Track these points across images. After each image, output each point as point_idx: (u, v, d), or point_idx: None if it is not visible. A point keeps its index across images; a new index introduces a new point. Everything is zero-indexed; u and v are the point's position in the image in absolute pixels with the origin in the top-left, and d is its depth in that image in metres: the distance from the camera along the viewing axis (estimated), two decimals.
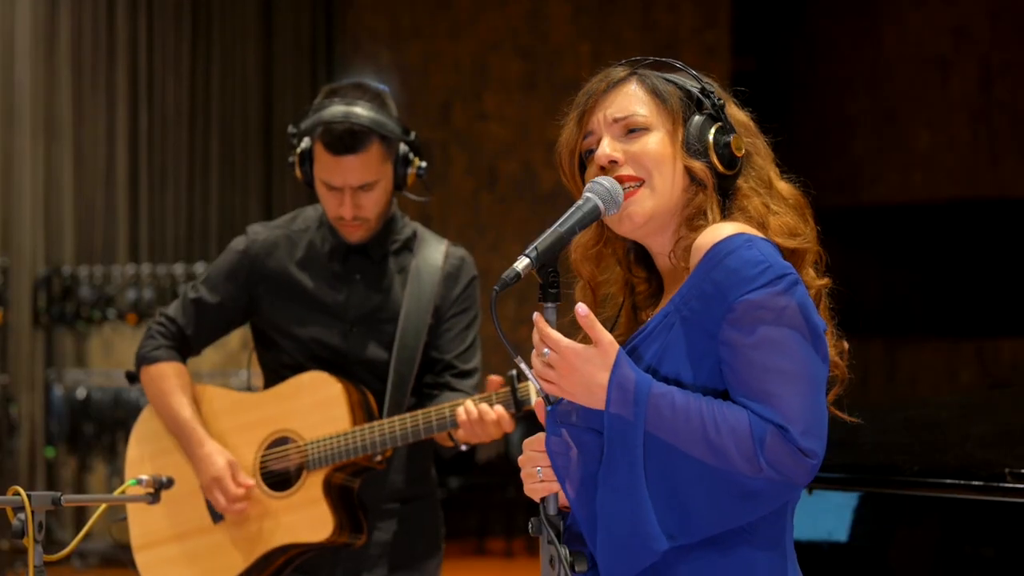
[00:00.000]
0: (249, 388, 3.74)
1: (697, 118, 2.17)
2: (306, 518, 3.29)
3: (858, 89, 11.66)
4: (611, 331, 2.25)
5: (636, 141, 2.17)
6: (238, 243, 3.47)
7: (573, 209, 2.11)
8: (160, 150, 9.95)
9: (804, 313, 2.04)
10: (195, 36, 10.15)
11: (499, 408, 3.16)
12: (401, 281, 3.42)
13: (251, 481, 3.31)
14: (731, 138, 2.16)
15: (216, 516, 3.35)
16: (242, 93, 10.35)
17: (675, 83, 2.21)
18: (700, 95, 2.19)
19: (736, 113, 2.23)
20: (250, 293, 3.43)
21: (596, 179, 2.15)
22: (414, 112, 10.80)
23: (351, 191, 3.30)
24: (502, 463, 9.64)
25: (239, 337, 7.47)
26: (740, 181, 2.18)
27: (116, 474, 8.72)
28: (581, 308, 2.04)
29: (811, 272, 2.17)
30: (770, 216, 2.15)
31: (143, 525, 3.41)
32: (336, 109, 3.28)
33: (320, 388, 3.33)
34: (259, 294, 3.42)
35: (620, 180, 2.16)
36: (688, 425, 2.01)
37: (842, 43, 11.79)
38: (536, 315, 2.05)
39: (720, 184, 2.16)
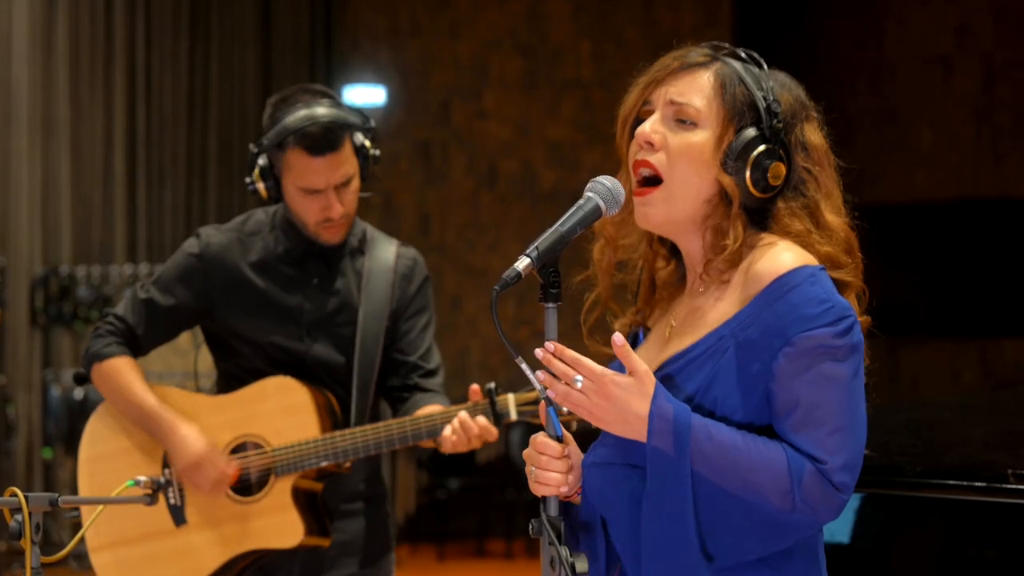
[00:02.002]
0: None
1: (749, 131, 2.13)
2: (275, 524, 3.27)
3: (860, 88, 11.64)
4: (633, 304, 2.28)
5: (680, 135, 2.14)
6: (191, 246, 3.42)
7: (574, 208, 2.10)
8: (158, 149, 9.93)
9: (857, 354, 2.06)
10: (193, 35, 10.13)
11: (481, 419, 3.16)
12: (356, 283, 3.41)
13: (236, 463, 3.27)
14: (772, 164, 2.12)
15: (178, 519, 3.31)
16: (240, 92, 10.34)
17: (748, 87, 2.16)
18: (764, 112, 2.14)
19: (811, 135, 2.20)
20: (205, 298, 3.39)
21: (597, 178, 2.13)
22: (414, 111, 10.79)
23: (334, 190, 3.28)
24: (502, 464, 9.63)
25: None
26: (780, 203, 2.15)
27: None
28: (618, 338, 2.03)
29: (855, 305, 2.14)
30: (812, 239, 2.13)
31: (99, 525, 3.32)
32: (301, 114, 3.26)
33: (286, 393, 3.30)
34: (214, 299, 3.39)
35: (640, 165, 2.14)
36: (724, 459, 2.02)
37: (844, 42, 11.78)
38: (563, 348, 2.03)
39: (747, 203, 2.13)
